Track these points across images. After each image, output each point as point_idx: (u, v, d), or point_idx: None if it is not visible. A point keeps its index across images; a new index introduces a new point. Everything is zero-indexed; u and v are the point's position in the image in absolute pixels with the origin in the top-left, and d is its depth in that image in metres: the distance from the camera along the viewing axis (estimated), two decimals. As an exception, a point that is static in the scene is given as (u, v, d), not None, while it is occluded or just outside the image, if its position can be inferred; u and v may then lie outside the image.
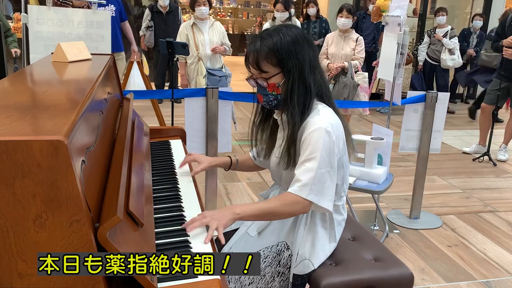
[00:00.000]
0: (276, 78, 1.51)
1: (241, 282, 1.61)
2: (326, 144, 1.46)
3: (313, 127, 1.48)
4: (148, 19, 6.68)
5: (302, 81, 1.50)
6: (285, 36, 1.49)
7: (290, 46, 1.48)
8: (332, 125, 1.49)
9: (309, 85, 1.51)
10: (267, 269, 1.63)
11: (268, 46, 1.48)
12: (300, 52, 1.49)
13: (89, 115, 1.22)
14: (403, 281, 1.65)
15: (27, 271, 0.92)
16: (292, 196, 1.46)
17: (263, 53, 1.48)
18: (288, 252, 1.65)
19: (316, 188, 1.46)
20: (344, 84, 4.47)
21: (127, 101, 1.97)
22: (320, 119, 1.48)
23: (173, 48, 3.34)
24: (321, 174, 1.46)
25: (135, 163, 1.42)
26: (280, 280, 1.65)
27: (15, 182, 0.88)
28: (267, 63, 1.49)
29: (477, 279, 2.66)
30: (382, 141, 2.73)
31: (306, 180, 1.45)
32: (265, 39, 1.49)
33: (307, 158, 1.47)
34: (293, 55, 1.48)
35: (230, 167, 1.87)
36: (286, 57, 1.48)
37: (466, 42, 7.30)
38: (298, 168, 1.49)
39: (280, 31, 1.50)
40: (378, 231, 3.15)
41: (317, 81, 1.53)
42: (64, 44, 1.87)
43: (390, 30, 3.07)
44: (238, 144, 5.07)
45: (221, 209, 1.42)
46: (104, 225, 0.96)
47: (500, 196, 3.96)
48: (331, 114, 1.53)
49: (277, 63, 1.49)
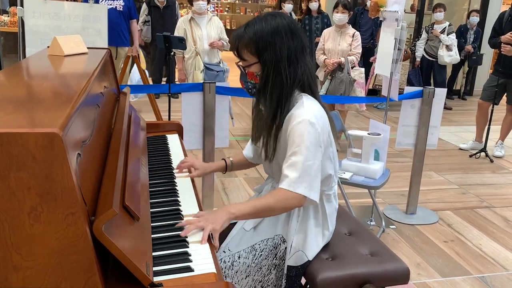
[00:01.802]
0: (254, 67, 1.52)
1: (237, 276, 1.61)
2: (310, 136, 1.46)
3: (297, 119, 1.47)
4: (145, 14, 6.66)
5: (278, 73, 1.49)
6: (267, 26, 1.47)
7: (268, 37, 1.46)
8: (316, 117, 1.48)
9: (286, 78, 1.49)
10: (264, 262, 1.64)
11: (249, 35, 1.48)
12: (278, 43, 1.47)
13: (85, 108, 1.21)
14: (399, 275, 1.65)
15: (22, 264, 0.92)
16: (284, 191, 1.46)
17: (243, 41, 1.49)
18: (284, 245, 1.65)
19: (305, 181, 1.46)
20: (340, 79, 4.47)
21: (124, 96, 1.96)
22: (304, 111, 1.48)
23: (170, 42, 3.33)
24: (308, 166, 1.46)
25: (131, 157, 1.41)
26: (276, 273, 1.66)
27: (10, 174, 0.87)
28: (246, 51, 1.50)
29: (472, 274, 2.67)
30: (379, 137, 2.73)
31: (294, 174, 1.45)
32: (249, 26, 1.49)
33: (293, 152, 1.47)
34: (271, 46, 1.46)
35: (227, 170, 1.87)
36: (263, 48, 1.47)
37: (463, 39, 7.31)
38: (286, 163, 1.48)
39: (265, 19, 1.49)
40: (374, 227, 3.16)
41: (298, 73, 1.51)
42: (60, 38, 1.86)
43: (388, 25, 3.07)
44: (236, 140, 5.06)
45: (216, 211, 1.41)
46: (100, 218, 0.96)
47: (496, 192, 3.98)
48: (314, 105, 1.52)
49: (255, 52, 1.49)
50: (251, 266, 1.62)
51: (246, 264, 1.62)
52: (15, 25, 6.38)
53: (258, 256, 1.63)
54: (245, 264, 1.62)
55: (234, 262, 1.62)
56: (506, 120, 4.95)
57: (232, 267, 1.61)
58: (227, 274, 1.60)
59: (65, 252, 0.92)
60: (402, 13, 2.96)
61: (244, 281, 1.62)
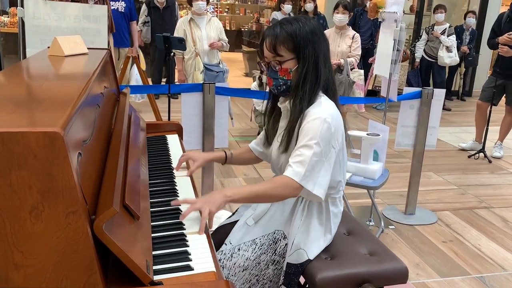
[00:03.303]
0: (289, 63, 1.56)
1: (235, 269, 1.62)
2: (324, 133, 1.49)
3: (313, 117, 1.51)
4: (145, 15, 6.66)
5: (315, 70, 1.55)
6: (304, 26, 1.54)
7: (308, 35, 1.53)
8: (332, 117, 1.52)
9: (320, 76, 1.56)
10: (262, 257, 1.65)
11: (287, 31, 1.53)
12: (317, 42, 1.55)
13: (86, 108, 1.22)
14: (398, 275, 1.66)
15: (23, 262, 0.92)
16: (285, 178, 1.48)
17: (281, 37, 1.53)
18: (284, 241, 1.66)
19: (310, 175, 1.48)
20: (339, 81, 4.47)
21: (124, 96, 1.97)
22: (321, 110, 1.52)
23: (170, 43, 3.34)
24: (315, 162, 1.48)
25: (131, 157, 1.42)
26: (274, 269, 1.66)
27: (11, 173, 0.88)
28: (283, 47, 1.54)
29: (471, 274, 2.68)
30: (378, 137, 2.74)
31: (300, 165, 1.47)
32: (285, 25, 1.55)
33: (303, 144, 1.50)
34: (310, 43, 1.54)
35: (226, 161, 1.88)
36: (303, 44, 1.53)
37: (459, 39, 7.33)
38: (294, 153, 1.51)
39: (299, 20, 1.57)
40: (373, 227, 3.17)
41: (326, 74, 1.58)
42: (60, 38, 1.87)
43: (387, 26, 3.08)
44: (235, 140, 5.07)
45: (212, 193, 1.44)
46: (101, 217, 0.96)
47: (495, 192, 3.99)
48: (332, 107, 1.56)
49: (293, 48, 1.54)
50: (250, 259, 1.64)
51: (245, 257, 1.63)
52: (15, 26, 6.39)
53: (258, 250, 1.65)
54: (244, 256, 1.63)
55: (234, 254, 1.64)
56: (505, 121, 4.96)
57: (231, 258, 1.63)
58: (225, 265, 1.62)
59: (66, 250, 0.93)
60: (401, 14, 2.98)
61: (241, 273, 1.63)
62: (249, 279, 1.64)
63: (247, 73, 9.58)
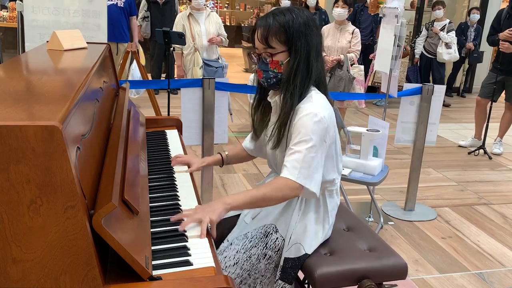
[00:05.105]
0: (280, 55, 1.52)
1: (225, 263, 1.61)
2: (316, 129, 1.47)
3: (304, 112, 1.49)
4: (145, 10, 6.65)
5: (307, 64, 1.52)
6: (298, 17, 1.50)
7: (301, 27, 1.50)
8: (324, 111, 1.50)
9: (311, 70, 1.53)
10: (253, 250, 1.63)
11: (280, 23, 1.49)
12: (310, 35, 1.51)
13: (84, 103, 1.21)
14: (397, 271, 1.66)
15: (22, 257, 0.92)
16: (282, 179, 1.47)
17: (274, 28, 1.49)
18: (276, 235, 1.65)
19: (306, 172, 1.46)
20: (340, 77, 4.47)
21: (123, 91, 1.96)
22: (312, 105, 1.50)
23: (170, 38, 3.33)
24: (310, 158, 1.46)
25: (130, 152, 1.41)
26: (266, 263, 1.65)
27: (10, 167, 0.88)
28: (275, 39, 1.50)
29: (470, 271, 2.68)
30: (378, 133, 2.73)
31: (295, 163, 1.46)
32: (278, 15, 1.51)
33: (297, 142, 1.48)
34: (303, 36, 1.50)
35: (223, 163, 1.88)
36: (296, 36, 1.49)
37: (464, 36, 7.31)
38: (288, 151, 1.50)
39: (293, 11, 1.52)
40: (373, 223, 3.17)
41: (318, 68, 1.55)
42: (59, 32, 1.86)
43: (387, 21, 3.07)
44: (235, 136, 5.07)
45: (211, 203, 1.42)
46: (99, 212, 0.96)
47: (495, 189, 3.99)
48: (323, 100, 1.54)
49: (285, 40, 1.50)
50: (240, 252, 1.62)
51: (235, 250, 1.62)
52: (14, 21, 6.36)
53: (248, 243, 1.63)
54: (235, 250, 1.63)
55: (226, 248, 1.63)
56: (504, 117, 4.95)
57: (222, 252, 1.63)
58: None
59: (64, 245, 0.93)
60: (402, 10, 2.96)
61: (232, 268, 1.61)
62: (241, 273, 1.63)
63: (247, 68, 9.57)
